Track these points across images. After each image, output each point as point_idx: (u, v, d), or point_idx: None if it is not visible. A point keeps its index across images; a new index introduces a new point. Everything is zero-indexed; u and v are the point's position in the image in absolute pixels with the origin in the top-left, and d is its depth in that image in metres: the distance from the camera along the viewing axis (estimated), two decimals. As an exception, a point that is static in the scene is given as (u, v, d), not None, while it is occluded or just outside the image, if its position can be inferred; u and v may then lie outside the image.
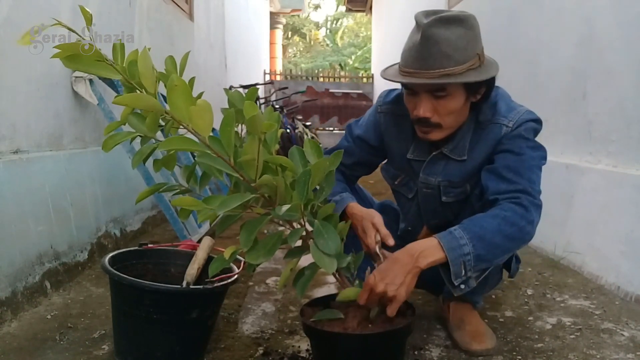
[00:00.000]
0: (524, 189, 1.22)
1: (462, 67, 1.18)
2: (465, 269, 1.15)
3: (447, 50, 1.17)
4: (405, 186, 1.49)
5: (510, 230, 1.17)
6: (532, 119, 1.32)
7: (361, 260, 1.17)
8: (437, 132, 1.29)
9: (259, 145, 0.89)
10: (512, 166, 1.25)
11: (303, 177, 0.96)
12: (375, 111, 1.49)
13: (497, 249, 1.18)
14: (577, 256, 2.19)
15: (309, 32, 24.40)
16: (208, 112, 0.85)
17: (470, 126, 1.33)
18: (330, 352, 1.18)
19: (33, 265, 1.70)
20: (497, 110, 1.32)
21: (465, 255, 1.14)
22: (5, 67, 1.70)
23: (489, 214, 1.20)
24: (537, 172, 1.27)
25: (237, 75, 6.99)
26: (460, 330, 1.44)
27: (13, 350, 1.35)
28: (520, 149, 1.27)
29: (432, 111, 1.24)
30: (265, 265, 2.14)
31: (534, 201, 1.22)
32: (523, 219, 1.19)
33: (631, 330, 1.55)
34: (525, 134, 1.29)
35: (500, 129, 1.30)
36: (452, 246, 1.14)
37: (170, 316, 1.23)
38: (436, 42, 1.17)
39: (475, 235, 1.15)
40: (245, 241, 0.96)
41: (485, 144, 1.32)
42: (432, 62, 1.17)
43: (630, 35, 2.00)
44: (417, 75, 1.19)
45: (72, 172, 2.09)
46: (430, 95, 1.23)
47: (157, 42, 3.32)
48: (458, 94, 1.24)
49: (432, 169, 1.39)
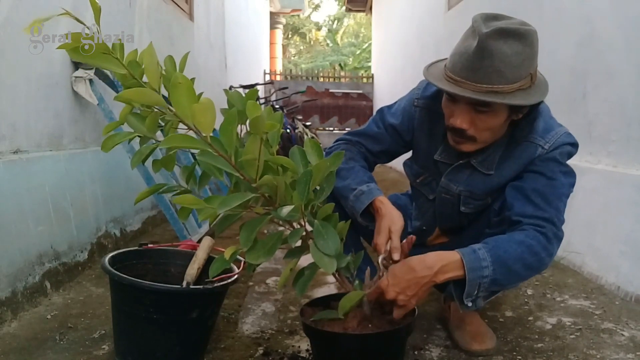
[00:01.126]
0: (549, 218, 1.19)
1: (511, 86, 1.11)
2: (479, 290, 1.14)
3: (500, 67, 1.09)
4: (427, 186, 1.44)
5: (531, 260, 1.16)
6: (570, 143, 1.26)
7: (361, 260, 1.17)
8: (469, 145, 1.24)
9: (260, 145, 0.89)
10: (541, 191, 1.21)
11: (304, 178, 0.96)
12: (411, 103, 1.41)
13: (515, 276, 1.18)
14: (577, 256, 2.19)
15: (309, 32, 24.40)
16: (211, 111, 0.85)
17: (504, 140, 1.28)
18: (330, 352, 1.18)
19: (33, 265, 1.70)
20: (534, 128, 1.26)
21: (483, 278, 1.13)
22: (5, 67, 1.70)
23: (515, 239, 1.17)
24: (564, 201, 1.24)
25: (237, 75, 6.99)
26: (460, 330, 1.44)
27: (13, 350, 1.35)
28: (553, 173, 1.23)
29: (470, 124, 1.18)
30: (265, 265, 2.14)
31: (557, 233, 1.20)
32: (545, 250, 1.17)
33: (631, 330, 1.55)
34: (559, 158, 1.24)
35: (536, 149, 1.25)
36: (474, 267, 1.13)
37: (170, 316, 1.23)
38: (491, 55, 1.09)
39: (498, 259, 1.14)
40: (245, 241, 0.96)
41: (516, 161, 1.27)
42: (481, 75, 1.11)
43: (630, 35, 2.01)
44: (463, 85, 1.13)
45: (72, 172, 2.09)
46: (470, 108, 1.17)
47: (157, 42, 3.32)
48: (501, 112, 1.17)
49: (455, 177, 1.35)
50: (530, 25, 1.16)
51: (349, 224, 1.15)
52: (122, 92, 0.88)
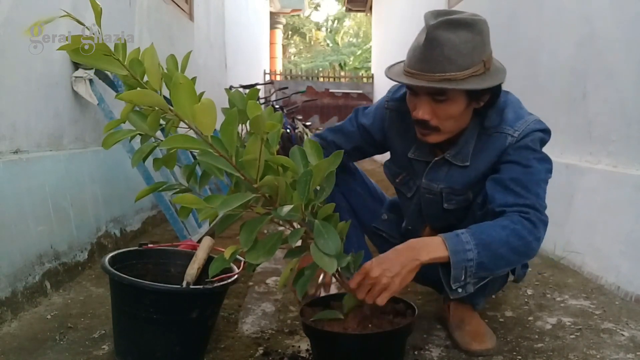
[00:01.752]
0: (532, 204, 1.20)
1: (464, 72, 1.15)
2: (466, 274, 1.14)
3: (450, 55, 1.14)
4: (406, 185, 1.49)
5: (518, 244, 1.16)
6: (540, 129, 1.28)
7: (361, 259, 1.17)
8: (435, 136, 1.27)
9: (261, 145, 0.89)
10: (519, 179, 1.23)
11: (304, 178, 0.96)
12: (382, 106, 1.47)
13: (501, 260, 1.17)
14: (577, 256, 2.19)
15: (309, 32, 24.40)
16: (212, 111, 0.85)
17: (474, 132, 1.31)
18: (330, 352, 1.18)
19: (33, 265, 1.70)
20: (503, 118, 1.29)
21: (468, 261, 1.13)
22: (5, 67, 1.70)
23: (498, 223, 1.18)
24: (543, 187, 1.25)
25: (237, 75, 6.99)
26: (460, 330, 1.44)
27: (13, 350, 1.35)
28: (527, 160, 1.24)
29: (431, 114, 1.23)
30: (265, 265, 2.13)
31: (541, 217, 1.20)
32: (531, 234, 1.17)
33: (631, 330, 1.55)
34: (531, 145, 1.26)
35: (505, 139, 1.27)
36: (457, 249, 1.13)
37: (170, 316, 1.23)
38: (440, 45, 1.14)
39: (482, 242, 1.14)
40: (245, 241, 0.96)
41: (489, 152, 1.30)
42: (433, 65, 1.15)
43: (630, 35, 2.01)
44: (419, 77, 1.18)
45: (72, 172, 2.09)
46: (430, 98, 1.22)
47: (157, 42, 3.31)
48: (459, 100, 1.21)
49: (435, 175, 1.38)
50: (480, 16, 1.21)
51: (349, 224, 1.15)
52: (123, 93, 0.88)
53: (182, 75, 0.87)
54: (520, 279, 1.49)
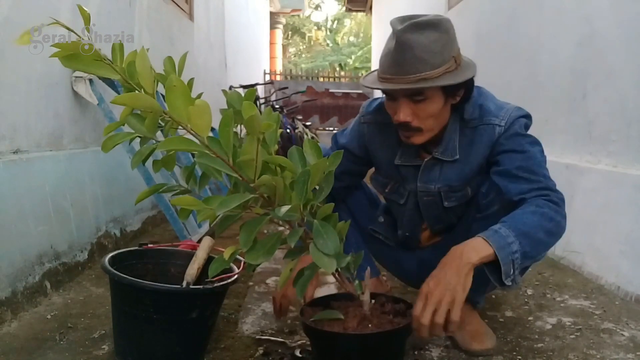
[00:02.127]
0: (547, 186, 1.23)
1: (437, 70, 1.19)
2: (514, 267, 1.13)
3: (421, 55, 1.18)
4: (396, 193, 1.49)
5: (550, 226, 1.18)
6: (523, 115, 1.33)
7: (361, 259, 1.17)
8: (418, 136, 1.30)
9: (257, 145, 0.89)
10: (523, 166, 1.26)
11: (302, 177, 0.96)
12: (359, 122, 1.51)
13: (540, 244, 1.18)
14: (577, 256, 2.19)
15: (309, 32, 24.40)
16: (207, 112, 0.85)
17: (455, 126, 1.34)
18: (330, 352, 1.18)
19: (33, 265, 1.70)
20: (485, 110, 1.33)
21: (513, 254, 1.13)
22: (5, 67, 1.70)
23: (527, 210, 1.19)
24: (545, 167, 1.28)
25: (237, 75, 6.99)
26: (460, 330, 1.43)
27: (13, 350, 1.35)
28: (522, 146, 1.28)
29: (412, 115, 1.25)
30: (265, 265, 2.14)
31: (559, 196, 1.24)
32: (558, 214, 1.20)
33: (631, 330, 1.55)
34: (520, 131, 1.30)
35: (494, 130, 1.31)
36: (501, 244, 1.12)
37: (170, 316, 1.23)
38: (410, 47, 1.18)
39: (521, 232, 1.15)
40: (244, 241, 0.96)
41: (479, 145, 1.33)
42: (407, 67, 1.18)
43: (630, 35, 2.01)
44: (395, 80, 1.21)
45: (72, 172, 2.09)
46: (408, 100, 1.24)
47: (157, 42, 3.32)
48: (436, 98, 1.24)
49: (429, 176, 1.40)
50: (442, 16, 1.26)
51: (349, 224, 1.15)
52: (118, 97, 0.88)
53: (176, 77, 0.87)
54: None
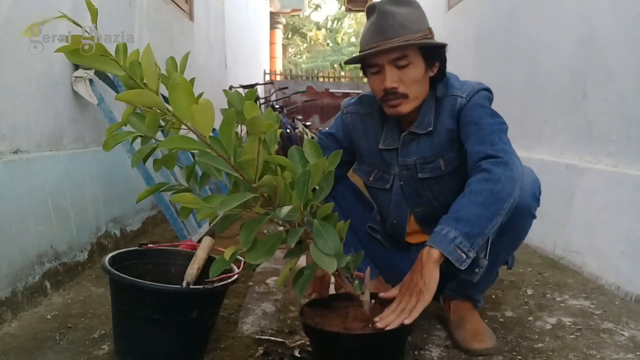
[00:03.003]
0: (485, 154, 1.27)
1: (417, 35, 1.33)
2: (463, 251, 1.15)
3: (402, 21, 1.31)
4: (380, 180, 1.54)
5: (480, 198, 1.19)
6: (484, 88, 1.41)
7: (360, 260, 1.17)
8: (405, 104, 1.38)
9: (259, 145, 0.89)
10: (475, 138, 1.32)
11: (302, 177, 0.96)
12: (341, 114, 1.59)
13: (480, 219, 1.18)
14: (577, 256, 2.19)
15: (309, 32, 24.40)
16: (209, 111, 0.85)
17: (432, 103, 1.43)
18: (331, 352, 1.18)
19: (33, 265, 1.70)
20: (450, 85, 1.43)
21: (454, 240, 1.16)
22: (5, 67, 1.70)
23: (459, 196, 1.24)
24: (499, 135, 1.31)
25: (237, 75, 7.00)
26: (460, 329, 1.44)
27: (13, 350, 1.35)
28: (479, 118, 1.35)
29: (398, 81, 1.35)
30: (265, 265, 2.14)
31: (496, 160, 1.24)
32: (488, 182, 1.21)
33: (631, 330, 1.55)
34: (481, 102, 1.38)
35: (456, 100, 1.40)
36: (437, 240, 1.17)
37: (170, 316, 1.23)
38: (392, 15, 1.32)
39: (452, 219, 1.19)
40: (244, 241, 0.96)
41: (444, 115, 1.41)
42: (390, 32, 1.31)
43: (630, 35, 2.01)
44: (380, 46, 1.32)
45: (72, 172, 2.09)
46: (393, 67, 1.34)
47: (157, 42, 3.32)
48: (418, 63, 1.35)
49: (407, 151, 1.47)
50: None
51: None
52: (121, 93, 0.88)
53: (179, 75, 0.87)
54: (512, 266, 1.56)
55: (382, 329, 1.12)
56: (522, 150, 2.98)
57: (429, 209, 1.51)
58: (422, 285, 1.15)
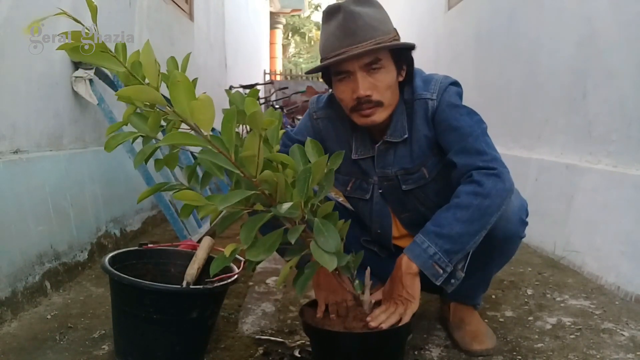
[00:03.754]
0: (472, 164, 1.21)
1: (387, 37, 1.21)
2: (441, 267, 1.15)
3: (372, 22, 1.20)
4: (359, 189, 1.45)
5: (467, 214, 1.16)
6: (451, 83, 1.31)
7: (361, 259, 1.17)
8: (380, 112, 1.26)
9: (259, 141, 0.89)
10: (458, 147, 1.24)
11: (303, 175, 0.96)
12: (310, 118, 1.45)
13: (463, 237, 1.16)
14: (577, 256, 2.19)
15: (309, 32, 24.40)
16: (209, 107, 0.85)
17: (401, 108, 1.33)
18: (331, 352, 1.18)
19: (33, 265, 1.70)
20: (415, 86, 1.32)
21: (432, 257, 1.15)
22: (5, 67, 1.70)
23: (444, 207, 1.20)
24: (483, 140, 1.24)
25: (237, 75, 7.00)
26: (460, 330, 1.44)
27: (13, 350, 1.35)
28: (456, 120, 1.26)
29: (372, 88, 1.23)
30: (265, 265, 2.14)
31: (487, 172, 1.19)
32: (477, 196, 1.16)
33: (631, 330, 1.55)
34: (453, 101, 1.29)
35: (427, 104, 1.30)
36: (417, 254, 1.17)
37: (170, 316, 1.23)
38: (360, 16, 1.20)
39: (433, 234, 1.17)
40: (245, 238, 0.96)
41: (418, 121, 1.31)
42: (362, 34, 1.19)
43: (630, 35, 2.01)
44: (349, 51, 1.19)
45: (72, 172, 2.09)
46: (365, 73, 1.22)
47: (157, 42, 3.32)
48: (390, 67, 1.24)
49: (385, 161, 1.37)
50: None
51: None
52: (122, 89, 0.88)
53: (179, 73, 0.87)
54: None
55: (378, 328, 1.12)
56: (522, 150, 2.98)
57: (415, 214, 1.44)
58: (405, 294, 1.17)
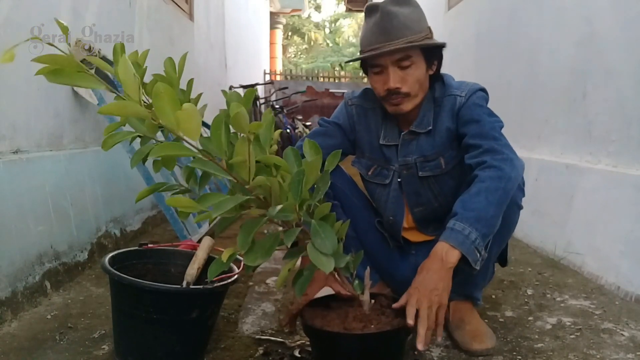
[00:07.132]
0: (489, 148, 1.30)
1: (419, 35, 1.35)
2: (480, 251, 1.19)
3: (405, 22, 1.33)
4: (379, 175, 1.55)
5: (496, 197, 1.22)
6: (480, 89, 1.44)
7: (360, 259, 1.17)
8: (407, 102, 1.40)
9: (248, 145, 0.88)
10: (475, 134, 1.35)
11: (297, 177, 0.96)
12: (345, 105, 1.59)
13: (495, 218, 1.23)
14: (577, 256, 2.19)
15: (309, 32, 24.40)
16: (195, 117, 0.84)
17: (430, 103, 1.46)
18: (330, 352, 1.18)
19: (33, 265, 1.70)
20: (448, 85, 1.46)
21: (474, 242, 1.18)
22: (5, 67, 1.70)
23: (473, 192, 1.24)
24: (499, 132, 1.35)
25: (237, 75, 6.99)
26: (460, 330, 1.44)
27: (13, 350, 1.35)
28: (479, 116, 1.38)
29: (401, 81, 1.37)
30: (265, 265, 2.14)
31: (503, 157, 1.28)
32: (501, 180, 1.24)
33: (631, 330, 1.55)
34: (479, 102, 1.41)
35: (455, 100, 1.43)
36: (460, 241, 1.18)
37: (170, 316, 1.23)
38: (395, 15, 1.33)
39: (473, 219, 1.20)
40: (242, 243, 0.96)
41: (444, 114, 1.44)
42: (395, 32, 1.32)
43: (630, 35, 2.00)
44: (383, 47, 1.33)
45: (72, 172, 2.09)
46: (396, 68, 1.36)
47: (157, 42, 3.32)
48: (420, 63, 1.38)
49: (407, 149, 1.49)
50: None
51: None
52: (104, 107, 0.88)
53: (162, 84, 0.86)
54: (506, 264, 1.56)
55: (383, 329, 1.12)
56: (522, 150, 2.98)
57: (428, 209, 1.52)
58: (442, 288, 1.15)
